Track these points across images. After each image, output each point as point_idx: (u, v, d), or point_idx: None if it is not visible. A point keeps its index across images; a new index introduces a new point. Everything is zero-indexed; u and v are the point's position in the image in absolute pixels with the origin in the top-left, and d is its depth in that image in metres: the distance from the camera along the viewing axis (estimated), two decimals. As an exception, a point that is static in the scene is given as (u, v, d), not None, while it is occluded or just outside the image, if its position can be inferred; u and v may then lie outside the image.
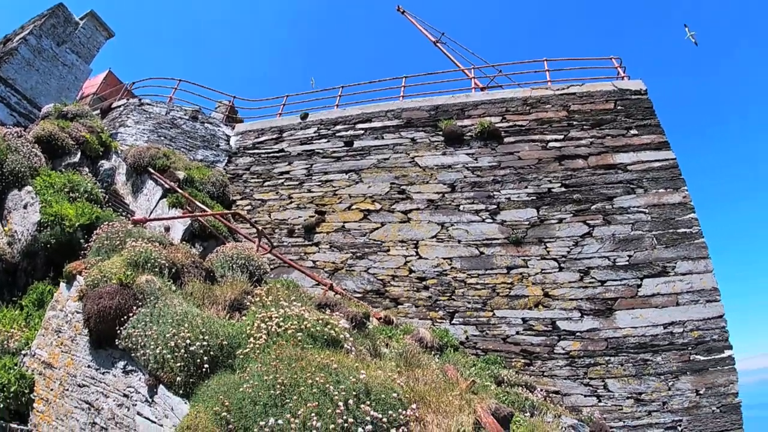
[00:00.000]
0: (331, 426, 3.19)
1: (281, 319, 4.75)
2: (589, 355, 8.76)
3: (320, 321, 4.93)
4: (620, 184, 9.81)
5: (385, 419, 3.34)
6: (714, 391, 8.62)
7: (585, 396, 8.65)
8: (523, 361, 8.82)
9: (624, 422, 8.50)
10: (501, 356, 8.78)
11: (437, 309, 9.41)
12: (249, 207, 12.62)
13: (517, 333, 8.97)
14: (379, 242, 10.39)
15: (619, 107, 10.88)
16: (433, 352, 7.53)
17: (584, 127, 10.58)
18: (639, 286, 9.02)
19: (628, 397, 8.59)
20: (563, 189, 9.84)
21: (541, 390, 8.39)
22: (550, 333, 8.90)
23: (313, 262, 10.92)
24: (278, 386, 3.55)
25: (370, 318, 8.75)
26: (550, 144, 10.44)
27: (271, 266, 11.05)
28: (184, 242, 9.77)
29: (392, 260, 10.09)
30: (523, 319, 9.01)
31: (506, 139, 10.67)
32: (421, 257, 9.89)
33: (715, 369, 8.72)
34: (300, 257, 11.09)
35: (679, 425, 8.49)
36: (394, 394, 3.71)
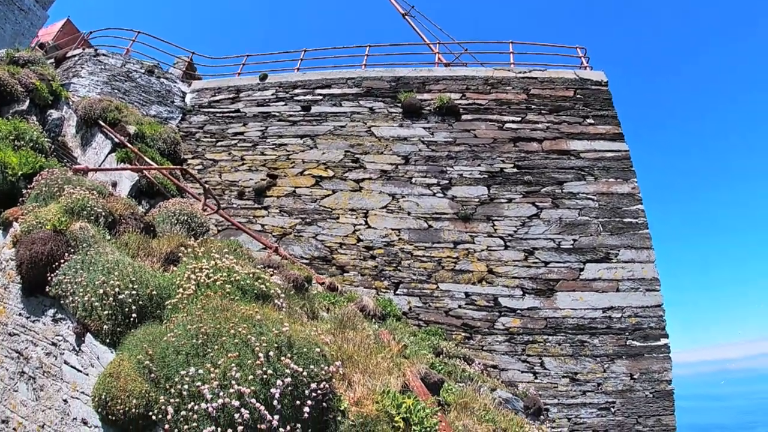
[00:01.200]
0: (250, 377, 3.12)
1: (211, 270, 4.60)
2: (529, 332, 8.92)
3: (251, 275, 4.79)
4: (572, 170, 9.95)
5: (305, 373, 3.26)
6: (648, 376, 8.93)
7: (522, 372, 8.81)
8: (463, 334, 8.91)
9: (559, 400, 8.71)
10: (442, 328, 8.84)
11: (382, 279, 9.36)
12: (200, 166, 12.22)
13: (460, 307, 9.03)
14: (329, 209, 10.23)
15: (578, 96, 11.01)
16: (375, 321, 7.51)
17: (542, 111, 10.67)
18: (581, 269, 9.21)
19: (564, 376, 8.80)
20: (515, 170, 9.91)
21: (479, 363, 8.49)
22: (492, 309, 9.01)
23: (262, 225, 10.68)
24: (201, 336, 3.46)
25: (312, 282, 8.61)
26: (507, 125, 10.48)
27: (219, 228, 10.79)
28: (130, 198, 9.42)
29: (341, 228, 9.97)
30: (466, 293, 9.08)
31: (464, 117, 10.65)
32: (370, 227, 9.80)
33: (651, 356, 9.02)
34: (249, 220, 10.83)
35: (613, 407, 8.76)
36: (317, 350, 3.61)
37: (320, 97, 11.84)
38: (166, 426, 3.08)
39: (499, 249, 9.30)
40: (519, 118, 10.57)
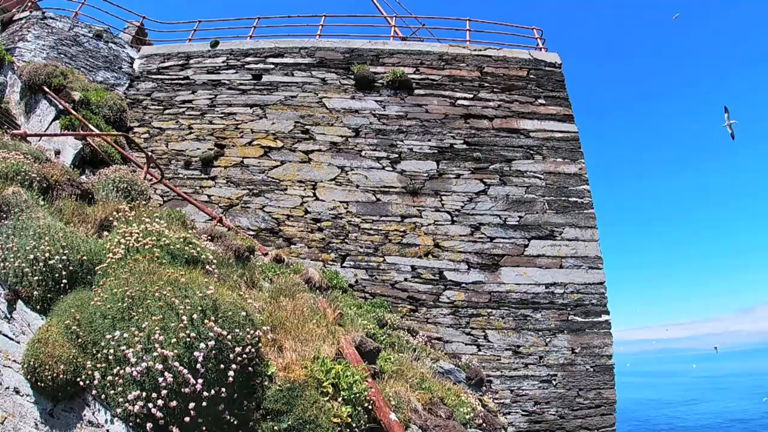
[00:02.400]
0: (174, 340, 3.03)
1: (141, 234, 4.43)
2: (473, 306, 9.01)
3: (181, 239, 4.63)
4: (521, 148, 10.04)
5: (230, 337, 3.19)
6: (589, 351, 9.17)
7: (466, 344, 8.92)
8: (409, 307, 8.94)
9: (501, 372, 8.86)
10: (388, 301, 8.84)
11: (329, 251, 9.27)
12: (147, 135, 11.77)
13: (406, 280, 9.05)
14: (277, 181, 10.03)
15: (531, 76, 11.08)
16: (320, 293, 7.43)
17: (494, 89, 10.69)
18: (526, 246, 9.35)
19: (507, 349, 8.95)
20: (465, 146, 9.93)
21: (424, 335, 8.54)
22: (437, 282, 9.06)
23: (208, 196, 10.40)
24: (127, 299, 3.37)
25: (254, 252, 8.45)
26: (459, 101, 10.47)
27: (166, 198, 10.47)
28: (74, 167, 9.05)
29: (289, 200, 9.80)
30: (412, 266, 9.10)
31: (417, 91, 10.58)
32: (318, 199, 9.67)
33: (592, 331, 9.26)
34: (195, 191, 10.53)
35: (554, 379, 8.98)
36: (243, 313, 3.53)
37: (272, 66, 11.53)
38: (94, 392, 3.03)
39: (446, 223, 9.33)
40: (471, 95, 10.57)
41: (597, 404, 9.08)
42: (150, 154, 9.34)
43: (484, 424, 5.79)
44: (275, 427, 3.28)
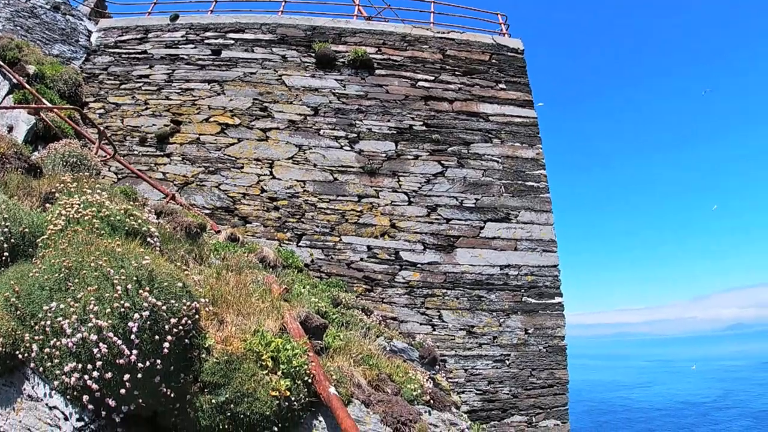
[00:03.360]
0: (108, 310, 2.97)
1: (81, 206, 4.31)
2: (428, 286, 9.06)
3: (122, 210, 4.51)
4: (479, 131, 10.08)
5: (165, 307, 3.13)
6: (542, 332, 9.32)
7: (421, 324, 8.97)
8: (364, 286, 8.93)
9: (456, 351, 8.94)
10: (344, 281, 8.82)
11: (285, 230, 9.18)
12: (102, 110, 11.39)
13: (362, 260, 9.03)
14: (233, 158, 9.85)
15: (493, 60, 11.10)
16: (275, 272, 7.34)
17: (456, 72, 10.68)
18: (482, 228, 9.42)
19: (461, 329, 9.03)
20: (424, 128, 9.92)
21: (378, 315, 8.55)
22: (393, 262, 9.07)
23: (164, 174, 10.16)
24: (64, 270, 3.30)
25: (206, 230, 8.29)
26: (420, 83, 10.43)
27: (120, 176, 10.21)
28: (27, 143, 8.74)
29: (245, 178, 9.65)
30: (368, 246, 9.08)
31: (378, 71, 10.49)
32: (274, 177, 9.54)
33: (545, 312, 9.40)
34: (150, 168, 10.27)
35: (508, 359, 9.11)
36: (180, 284, 3.47)
37: (232, 42, 11.27)
38: (32, 365, 2.97)
39: (402, 204, 9.33)
40: (433, 77, 10.54)
41: (550, 384, 9.27)
42: (103, 129, 9.09)
43: (432, 401, 5.80)
44: (213, 400, 3.23)
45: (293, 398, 3.48)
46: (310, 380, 3.75)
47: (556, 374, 9.22)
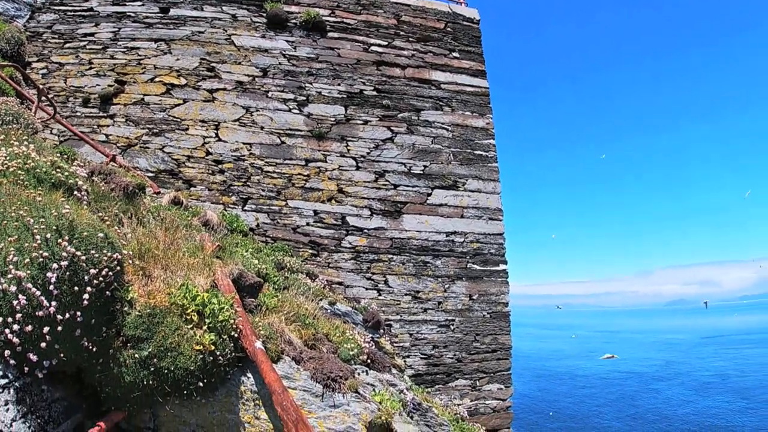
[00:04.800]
0: (27, 260, 2.88)
1: (7, 157, 4.14)
2: (374, 251, 9.05)
3: (48, 162, 4.34)
4: (431, 99, 10.03)
5: (84, 258, 3.04)
6: (486, 298, 9.44)
7: (367, 289, 8.97)
8: (310, 251, 8.86)
9: (401, 316, 8.99)
10: (290, 245, 8.73)
11: (231, 194, 9.00)
12: (45, 71, 10.86)
13: (308, 224, 8.94)
14: (178, 120, 9.57)
15: (448, 29, 11.01)
16: (218, 236, 7.20)
17: (410, 39, 10.56)
18: (429, 195, 9.43)
19: (406, 294, 9.08)
20: (375, 93, 9.80)
21: (324, 279, 8.50)
22: (340, 227, 9.01)
23: (106, 136, 9.81)
24: None
25: (145, 191, 8.07)
26: (373, 48, 10.27)
27: (62, 138, 9.80)
28: None
29: (190, 140, 9.39)
30: (315, 211, 8.99)
31: (330, 34, 10.27)
32: (220, 140, 9.31)
33: (489, 279, 9.51)
34: (93, 130, 9.89)
35: (452, 324, 9.21)
36: (101, 235, 3.34)
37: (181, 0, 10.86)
38: None
39: (350, 169, 9.25)
40: (386, 43, 10.39)
41: (493, 349, 9.44)
42: (42, 88, 8.70)
43: (370, 361, 5.81)
44: (136, 355, 3.18)
45: (219, 353, 3.44)
46: (236, 335, 3.71)
47: (499, 339, 9.39)
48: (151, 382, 3.16)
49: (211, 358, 3.39)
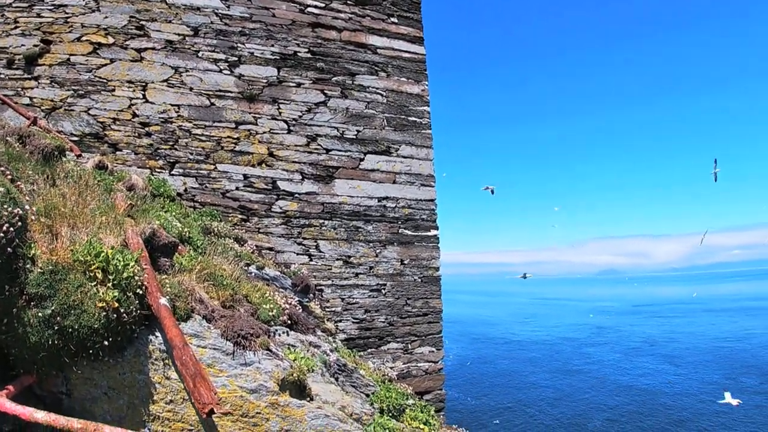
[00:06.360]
0: None
1: None
2: (305, 216, 8.99)
3: None
4: (366, 63, 9.92)
5: None
6: (417, 263, 9.50)
7: (298, 254, 8.93)
8: (240, 216, 8.75)
9: (333, 281, 8.99)
10: (219, 210, 8.59)
11: (158, 158, 8.77)
12: (-32, 30, 10.31)
13: (237, 189, 8.81)
14: (104, 80, 9.22)
15: (388, -6, 10.86)
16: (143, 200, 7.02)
17: (348, 2, 10.36)
18: (362, 160, 9.40)
19: (338, 259, 9.07)
20: (309, 55, 9.63)
21: (253, 244, 8.40)
22: (270, 192, 8.91)
23: (31, 98, 9.38)
24: None
25: (65, 153, 7.81)
26: (309, 9, 10.04)
27: (-15, 103, 9.31)
28: None
29: (116, 102, 9.07)
30: (244, 175, 8.85)
31: (266, -6, 10.03)
32: (148, 101, 9.03)
33: (421, 244, 9.57)
34: (17, 93, 9.43)
35: (384, 288, 9.25)
36: (2, 189, 3.17)
37: (108, -46, 10.41)
38: None
39: (282, 132, 9.11)
40: (323, 5, 10.18)
41: (424, 312, 9.55)
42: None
43: (292, 323, 5.77)
44: (39, 314, 3.10)
45: (123, 310, 3.39)
46: (142, 292, 3.65)
47: (430, 303, 9.50)
48: (56, 342, 3.10)
49: (115, 315, 3.35)
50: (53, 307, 3.10)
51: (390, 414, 5.50)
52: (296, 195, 8.96)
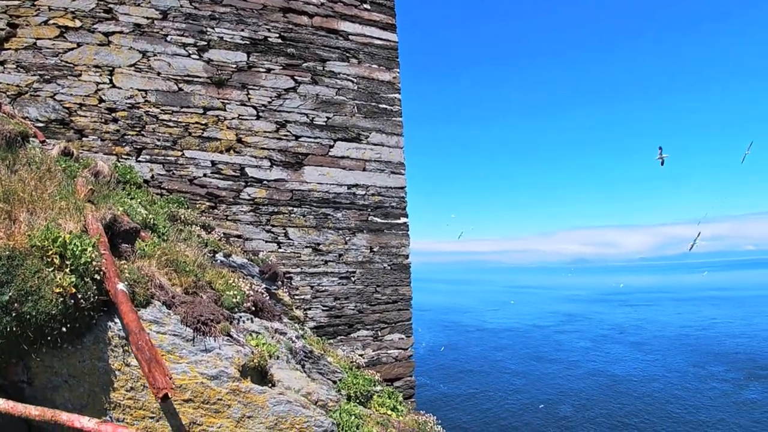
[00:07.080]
0: None
1: None
2: (274, 203, 8.96)
3: None
4: (337, 50, 9.88)
5: None
6: (387, 250, 9.51)
7: (266, 242, 8.90)
8: (207, 203, 8.70)
9: (302, 269, 8.98)
10: (186, 197, 8.53)
11: (124, 144, 8.68)
12: (-66, 14, 10.10)
13: (205, 175, 8.75)
14: (71, 65, 9.08)
15: (360, -22, 10.78)
16: (109, 187, 6.94)
17: (320, -13, 10.31)
18: (331, 146, 9.38)
19: (307, 246, 9.05)
20: (280, 40, 9.56)
21: (221, 232, 8.36)
22: (238, 178, 8.87)
23: (-4, 83, 9.22)
24: None
25: (29, 139, 7.72)
26: (281, -6, 9.99)
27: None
28: None
29: (83, 87, 8.94)
30: (212, 162, 8.79)
31: (236, -22, 9.92)
32: (114, 86, 8.91)
33: (390, 232, 9.58)
34: (-18, 77, 9.28)
35: (353, 276, 9.26)
36: None
37: (75, -65, 10.22)
38: None
39: (251, 118, 9.05)
40: (295, -11, 10.11)
41: (394, 300, 9.58)
42: None
43: (257, 310, 5.75)
44: None
45: (81, 296, 3.37)
46: (100, 278, 3.62)
47: (400, 291, 9.54)
48: (14, 329, 3.08)
49: (73, 301, 3.33)
50: (11, 293, 3.07)
51: (357, 400, 5.54)
52: (265, 182, 8.92)
